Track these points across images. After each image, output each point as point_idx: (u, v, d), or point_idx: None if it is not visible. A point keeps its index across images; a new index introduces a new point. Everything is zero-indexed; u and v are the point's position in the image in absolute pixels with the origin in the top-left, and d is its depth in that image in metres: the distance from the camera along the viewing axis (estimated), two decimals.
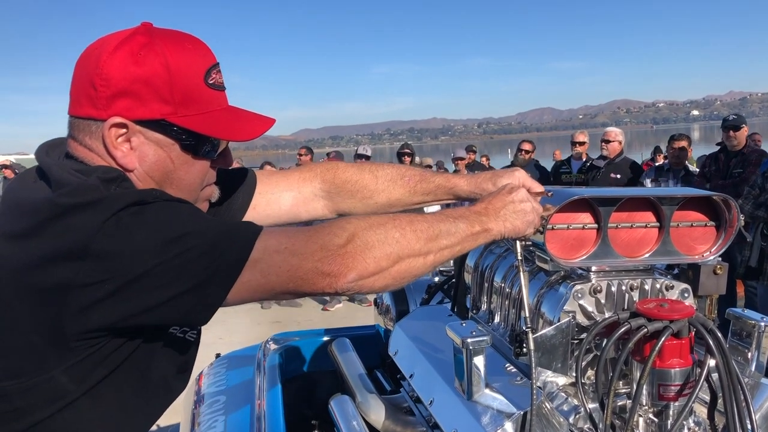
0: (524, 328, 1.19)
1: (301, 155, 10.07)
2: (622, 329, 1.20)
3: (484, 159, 12.28)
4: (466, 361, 1.26)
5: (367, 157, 7.99)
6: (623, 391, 1.30)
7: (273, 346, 2.57)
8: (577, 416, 1.27)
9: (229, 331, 7.19)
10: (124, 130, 1.01)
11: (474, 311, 1.69)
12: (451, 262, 2.09)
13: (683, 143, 6.25)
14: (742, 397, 1.20)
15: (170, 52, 1.02)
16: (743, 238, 4.99)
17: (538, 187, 1.31)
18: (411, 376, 1.55)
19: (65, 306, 0.91)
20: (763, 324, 1.37)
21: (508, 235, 1.17)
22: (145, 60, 1.00)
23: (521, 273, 1.23)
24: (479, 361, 1.27)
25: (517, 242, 1.25)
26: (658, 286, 1.34)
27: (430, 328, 1.69)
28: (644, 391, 1.21)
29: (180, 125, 1.04)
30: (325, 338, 2.57)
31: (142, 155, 1.04)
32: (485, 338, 1.26)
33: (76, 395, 1.00)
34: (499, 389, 1.28)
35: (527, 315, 1.21)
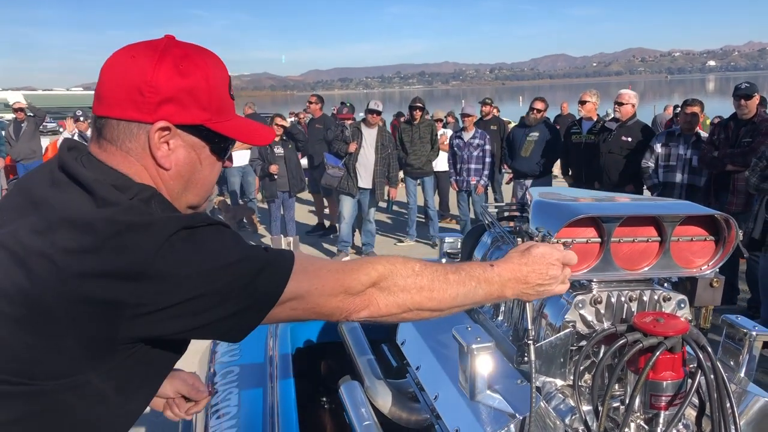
0: (526, 340, 1.26)
1: (311, 103, 10.03)
2: (620, 342, 1.27)
3: (496, 111, 12.15)
4: (469, 364, 1.34)
5: (378, 113, 7.95)
6: (617, 394, 1.38)
7: None
8: (573, 418, 1.35)
9: None
10: (167, 133, 1.12)
11: (479, 306, 1.76)
12: (459, 249, 2.16)
13: (695, 109, 6.21)
14: (729, 405, 1.28)
15: (207, 65, 1.14)
16: (742, 254, 5.01)
17: (573, 258, 1.22)
18: (417, 368, 1.64)
19: (113, 320, 1.00)
20: (754, 332, 1.44)
21: (532, 299, 1.24)
22: (188, 71, 1.11)
23: None
24: (482, 364, 1.35)
25: None
26: (656, 297, 1.40)
27: (437, 321, 1.76)
28: (637, 400, 1.29)
29: (215, 130, 1.15)
30: None
31: (177, 156, 1.14)
32: (489, 344, 1.33)
33: (108, 393, 1.09)
34: (501, 391, 1.36)
35: (530, 327, 1.28)
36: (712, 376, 1.27)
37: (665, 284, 1.46)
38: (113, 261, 0.98)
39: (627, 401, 1.29)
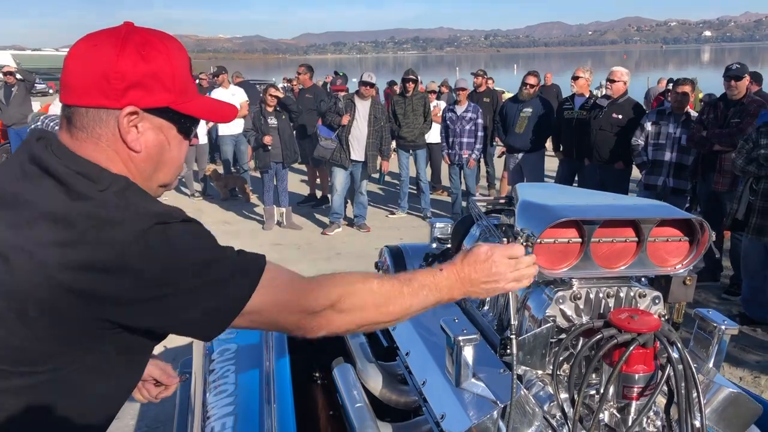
0: (509, 334, 1.35)
1: (300, 74, 10.00)
2: (596, 337, 1.37)
3: (491, 82, 12.14)
4: (456, 354, 1.44)
5: (372, 84, 7.96)
6: (593, 383, 1.48)
7: None
8: (551, 405, 1.45)
9: None
10: (135, 116, 1.17)
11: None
12: (449, 234, 2.24)
13: (686, 88, 6.27)
14: (695, 395, 1.38)
15: (168, 49, 1.19)
16: (713, 254, 5.14)
17: (518, 251, 1.32)
18: (407, 354, 1.73)
19: (93, 309, 1.08)
20: (723, 327, 1.53)
21: (483, 297, 1.35)
22: (151, 56, 1.16)
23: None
24: (468, 354, 1.44)
25: None
26: (632, 293, 1.49)
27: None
28: (611, 390, 1.39)
29: (180, 111, 1.21)
30: None
31: (146, 138, 1.20)
32: (474, 336, 1.42)
33: (93, 377, 1.17)
34: (484, 380, 1.45)
35: (513, 322, 1.37)
36: (680, 368, 1.36)
37: (641, 281, 1.55)
38: (91, 254, 1.05)
39: (601, 391, 1.39)
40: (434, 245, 2.38)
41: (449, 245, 2.20)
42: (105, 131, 1.16)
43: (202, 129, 10.03)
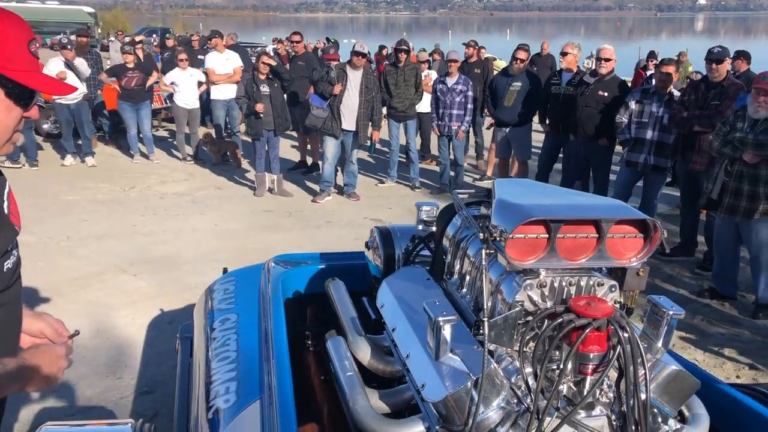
0: (482, 317, 1.56)
1: (295, 42, 10.07)
2: (558, 321, 1.58)
3: (483, 51, 12.25)
4: (436, 333, 1.64)
5: (364, 55, 8.07)
6: (554, 359, 1.69)
7: (273, 266, 2.96)
8: (517, 377, 1.67)
9: (224, 218, 7.58)
10: None
11: (448, 276, 2.06)
12: (435, 218, 2.44)
13: (670, 69, 6.45)
14: (642, 372, 1.60)
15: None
16: (664, 249, 5.81)
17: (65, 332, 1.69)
18: (393, 330, 1.94)
19: None
20: (671, 312, 1.75)
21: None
22: None
23: (484, 277, 1.59)
24: (446, 333, 1.65)
25: (483, 251, 1.60)
26: (591, 282, 1.70)
27: (411, 289, 2.07)
28: (569, 366, 1.61)
29: (6, 76, 1.38)
30: (321, 265, 2.96)
31: None
32: (452, 317, 1.63)
33: None
34: (460, 355, 1.67)
35: (486, 307, 1.57)
36: (629, 349, 1.58)
37: (601, 272, 1.76)
38: None
39: (561, 367, 1.60)
40: (420, 227, 2.58)
41: (434, 229, 2.40)
42: None
43: (194, 93, 10.11)
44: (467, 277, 1.97)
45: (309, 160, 10.05)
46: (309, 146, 9.99)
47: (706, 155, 5.79)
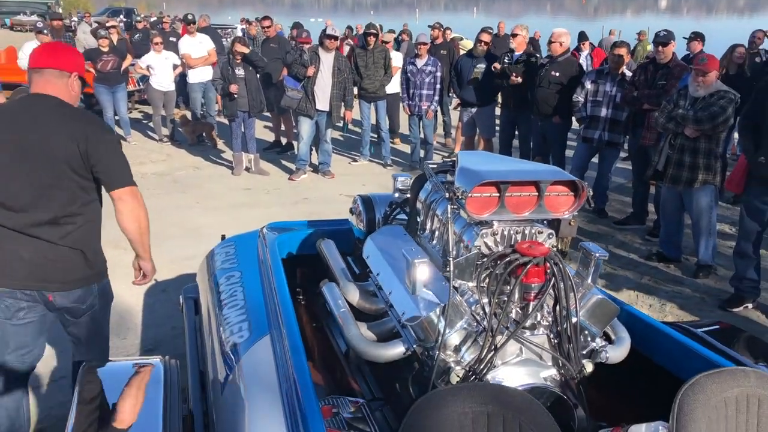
0: (448, 258, 2.01)
1: (267, 27, 10.38)
2: (507, 260, 2.04)
3: (448, 32, 12.68)
4: (411, 272, 2.09)
5: (336, 38, 8.44)
6: (505, 291, 2.15)
7: (267, 232, 3.38)
8: (476, 306, 2.12)
9: (205, 196, 7.92)
10: None
11: (420, 231, 2.51)
12: (409, 187, 2.88)
13: (622, 51, 6.94)
14: (573, 298, 2.07)
15: None
16: (590, 204, 6.03)
17: None
18: (378, 274, 2.39)
19: None
20: (597, 255, 2.22)
21: None
22: None
23: (450, 227, 2.04)
24: (420, 273, 2.10)
25: (448, 207, 2.05)
26: (533, 231, 2.16)
27: (391, 242, 2.51)
28: (516, 295, 2.07)
29: None
30: (310, 230, 3.39)
31: None
32: (425, 260, 2.09)
33: None
34: (431, 289, 2.12)
35: (450, 249, 2.03)
36: (561, 283, 2.05)
37: (542, 223, 2.22)
38: None
39: (509, 295, 2.07)
40: (396, 195, 3.02)
41: (408, 195, 2.84)
42: None
43: (170, 76, 10.36)
44: (436, 232, 2.42)
45: (283, 140, 10.40)
46: (283, 126, 10.34)
47: (655, 131, 6.29)
